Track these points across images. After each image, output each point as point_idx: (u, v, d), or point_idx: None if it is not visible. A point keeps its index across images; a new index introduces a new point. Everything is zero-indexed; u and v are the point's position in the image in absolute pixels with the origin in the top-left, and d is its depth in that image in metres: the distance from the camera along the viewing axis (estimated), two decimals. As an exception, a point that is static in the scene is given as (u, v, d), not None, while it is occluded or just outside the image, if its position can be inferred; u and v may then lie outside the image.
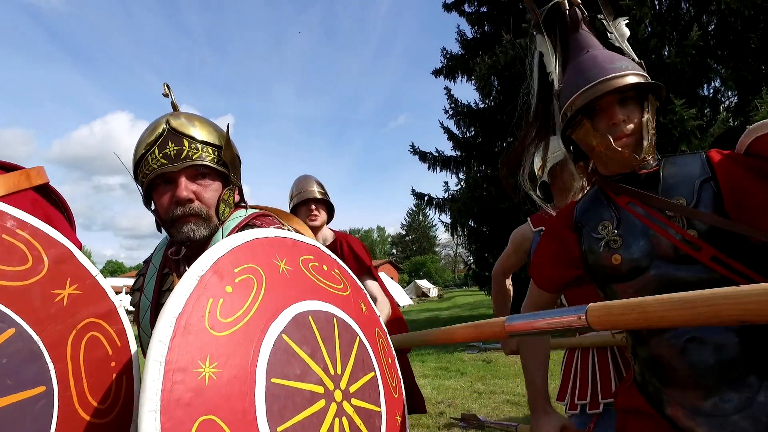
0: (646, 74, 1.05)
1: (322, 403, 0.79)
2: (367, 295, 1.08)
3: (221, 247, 0.78)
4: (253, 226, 1.15)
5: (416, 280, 50.93)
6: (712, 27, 8.24)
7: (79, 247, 0.90)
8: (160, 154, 1.06)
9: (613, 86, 1.00)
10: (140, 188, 1.14)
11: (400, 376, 1.08)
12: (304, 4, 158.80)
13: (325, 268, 0.97)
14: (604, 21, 1.22)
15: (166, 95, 1.19)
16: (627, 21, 1.23)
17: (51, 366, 0.73)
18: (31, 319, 0.73)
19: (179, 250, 1.14)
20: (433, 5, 12.25)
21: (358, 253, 2.26)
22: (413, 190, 13.34)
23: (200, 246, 1.12)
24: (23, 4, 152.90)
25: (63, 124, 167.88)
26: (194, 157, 1.08)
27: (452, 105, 12.17)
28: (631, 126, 1.02)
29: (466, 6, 12.73)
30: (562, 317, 0.85)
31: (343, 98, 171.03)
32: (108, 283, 0.88)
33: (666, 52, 7.68)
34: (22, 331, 0.71)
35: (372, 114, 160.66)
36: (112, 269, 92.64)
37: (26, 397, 0.69)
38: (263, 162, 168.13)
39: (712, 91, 8.03)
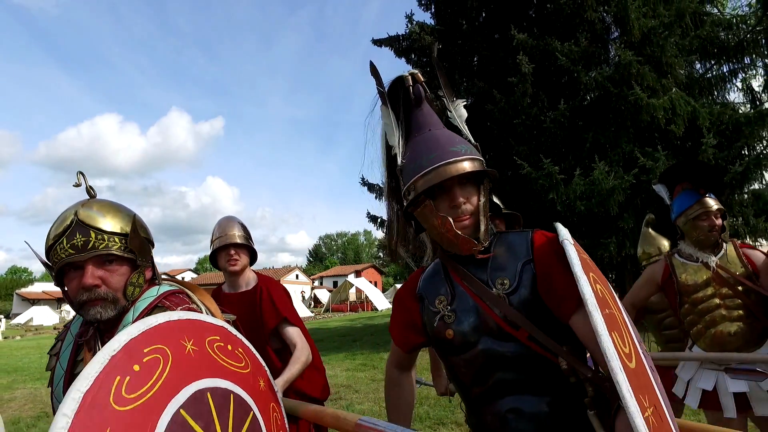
0: (481, 158, 1.11)
1: None
2: (267, 371, 1.15)
3: (135, 329, 0.86)
4: (162, 306, 1.20)
5: (396, 285, 52.97)
6: (590, 99, 10.38)
7: None
8: (68, 245, 1.12)
9: (453, 172, 1.04)
10: (52, 273, 1.19)
11: None
12: (294, 5, 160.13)
13: (229, 347, 1.05)
14: (444, 99, 1.25)
15: (77, 185, 1.22)
16: (465, 102, 1.27)
17: None
18: None
19: (87, 331, 1.22)
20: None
21: (275, 301, 2.27)
22: (368, 213, 15.28)
23: (112, 322, 1.18)
24: (11, 5, 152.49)
25: (49, 126, 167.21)
26: (100, 247, 1.14)
27: (397, 143, 14.25)
28: (469, 207, 1.08)
29: (413, 55, 14.76)
30: None
31: (334, 100, 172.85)
32: None
33: (543, 118, 9.82)
34: None
35: (363, 116, 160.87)
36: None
37: None
38: (253, 164, 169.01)
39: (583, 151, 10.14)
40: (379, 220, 15.05)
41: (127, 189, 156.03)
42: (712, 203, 2.24)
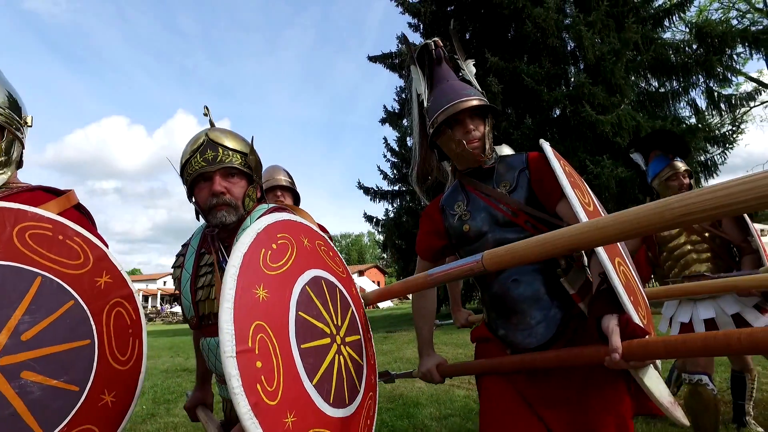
0: (486, 100, 1.48)
1: (328, 340, 1.05)
2: (356, 285, 1.35)
3: (269, 218, 1.07)
4: None
5: (397, 284, 53.89)
6: (555, 114, 11.83)
7: (105, 245, 1.23)
8: (201, 159, 1.37)
9: (464, 106, 1.41)
10: (185, 185, 1.44)
11: (374, 351, 1.36)
12: (299, 6, 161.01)
13: (330, 253, 1.29)
14: (459, 61, 1.66)
15: (206, 115, 1.51)
16: (474, 62, 1.68)
17: (94, 327, 1.08)
18: (83, 295, 1.09)
19: (214, 230, 1.45)
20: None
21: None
22: (365, 213, 16.76)
23: (231, 231, 1.41)
24: (23, 11, 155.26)
25: (57, 128, 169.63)
26: (226, 161, 1.38)
27: (389, 151, 15.89)
28: (477, 133, 1.44)
29: (404, 71, 16.19)
30: (467, 264, 1.08)
31: (339, 101, 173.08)
32: (128, 276, 1.23)
33: (511, 131, 11.32)
34: (78, 303, 1.08)
35: (367, 117, 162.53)
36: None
37: (79, 345, 1.05)
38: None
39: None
40: (374, 220, 16.57)
41: (133, 191, 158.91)
42: (680, 165, 2.62)
